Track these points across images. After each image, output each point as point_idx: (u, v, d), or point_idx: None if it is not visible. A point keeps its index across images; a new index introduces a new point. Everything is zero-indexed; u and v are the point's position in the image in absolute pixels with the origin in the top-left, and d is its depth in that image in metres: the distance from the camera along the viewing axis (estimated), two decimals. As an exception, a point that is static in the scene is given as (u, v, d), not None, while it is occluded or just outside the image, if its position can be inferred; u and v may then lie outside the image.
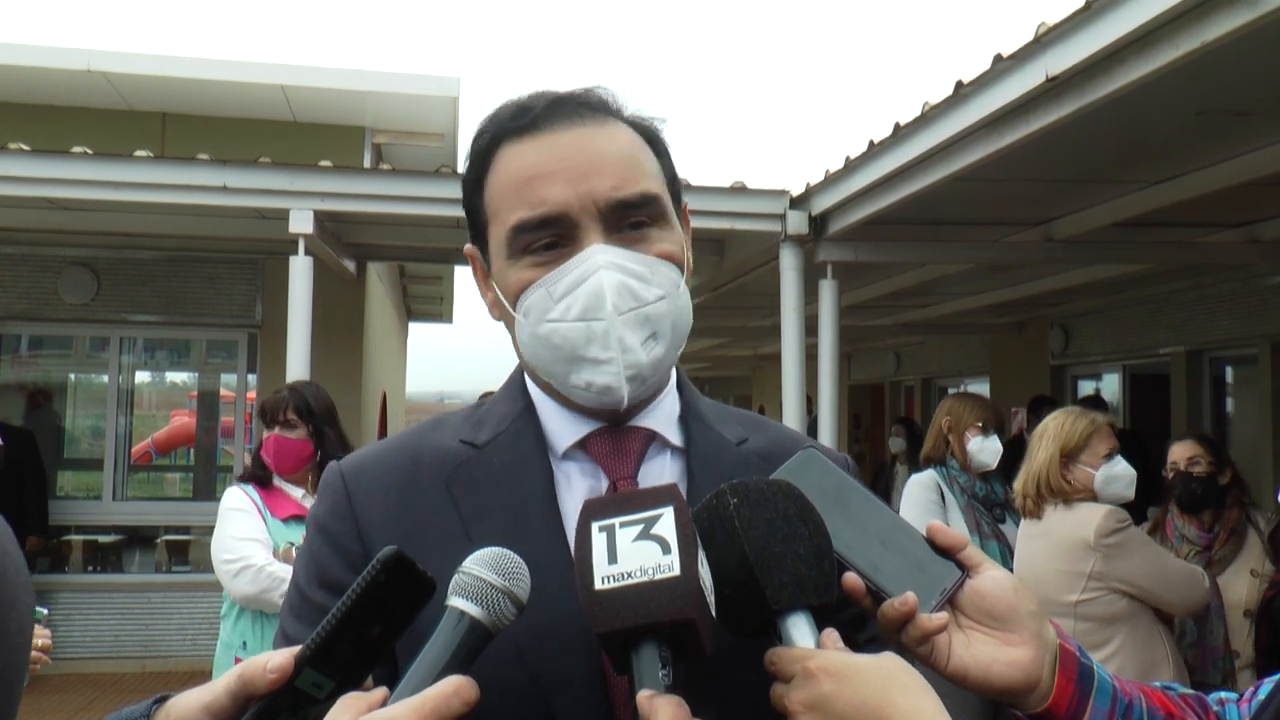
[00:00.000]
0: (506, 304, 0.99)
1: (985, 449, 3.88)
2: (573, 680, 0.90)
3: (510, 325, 1.01)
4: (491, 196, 0.99)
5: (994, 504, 3.91)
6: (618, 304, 0.92)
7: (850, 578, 0.89)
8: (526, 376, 1.06)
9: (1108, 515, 3.12)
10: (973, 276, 7.62)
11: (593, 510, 0.82)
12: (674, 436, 1.02)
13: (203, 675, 6.75)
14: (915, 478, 3.99)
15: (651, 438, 1.01)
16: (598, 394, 0.95)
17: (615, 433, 1.00)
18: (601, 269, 0.92)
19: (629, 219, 0.95)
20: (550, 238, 0.94)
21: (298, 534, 3.32)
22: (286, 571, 3.21)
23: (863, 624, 0.97)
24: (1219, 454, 3.79)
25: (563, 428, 1.01)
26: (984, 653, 0.87)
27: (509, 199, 0.96)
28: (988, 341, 11.13)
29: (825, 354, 5.53)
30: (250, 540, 3.27)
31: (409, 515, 0.96)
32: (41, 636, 2.65)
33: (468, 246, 1.06)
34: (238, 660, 3.32)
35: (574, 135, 0.96)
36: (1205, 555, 3.67)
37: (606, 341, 0.93)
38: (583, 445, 1.00)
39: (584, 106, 0.98)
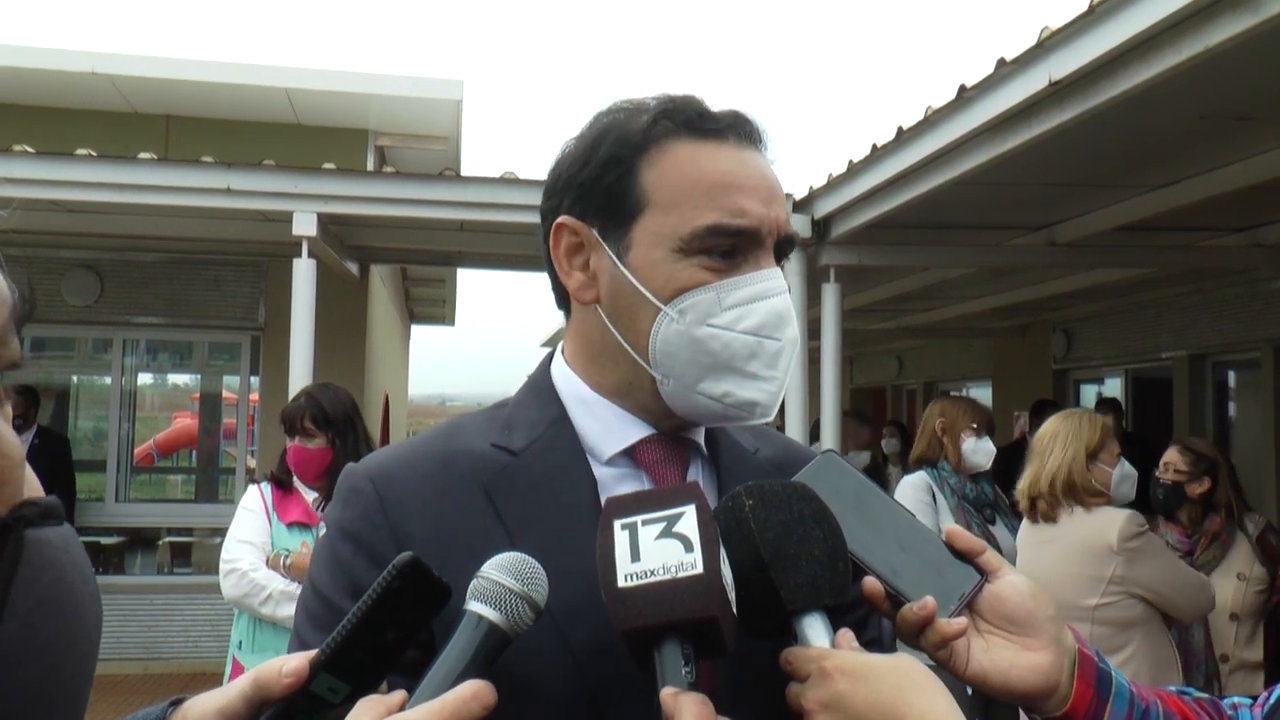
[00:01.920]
0: (647, 294, 0.94)
1: (980, 450, 3.93)
2: (628, 692, 0.88)
3: (613, 312, 0.97)
4: (660, 185, 0.95)
5: (984, 505, 3.96)
6: (796, 330, 0.96)
7: (870, 582, 0.89)
8: (560, 379, 1.02)
9: (1129, 519, 3.08)
10: (975, 280, 7.62)
11: (615, 508, 0.82)
12: (704, 446, 1.04)
13: (205, 677, 6.75)
14: (907, 479, 4.02)
15: (697, 449, 1.02)
16: (731, 405, 0.94)
17: (668, 441, 1.00)
18: (786, 293, 0.96)
19: (783, 252, 0.99)
20: (731, 246, 0.94)
21: (298, 540, 3.34)
22: (267, 579, 3.25)
23: (864, 627, 0.97)
24: (1199, 463, 3.78)
25: (611, 432, 0.99)
26: (1003, 657, 0.88)
27: (695, 196, 0.93)
28: (990, 345, 11.13)
29: (828, 358, 5.53)
30: (246, 543, 3.32)
31: (447, 523, 0.93)
32: None
33: (565, 218, 0.99)
34: (234, 659, 3.35)
35: (757, 158, 0.97)
36: (1188, 560, 3.65)
37: (775, 361, 0.94)
38: (630, 452, 0.99)
39: (757, 132, 0.99)
